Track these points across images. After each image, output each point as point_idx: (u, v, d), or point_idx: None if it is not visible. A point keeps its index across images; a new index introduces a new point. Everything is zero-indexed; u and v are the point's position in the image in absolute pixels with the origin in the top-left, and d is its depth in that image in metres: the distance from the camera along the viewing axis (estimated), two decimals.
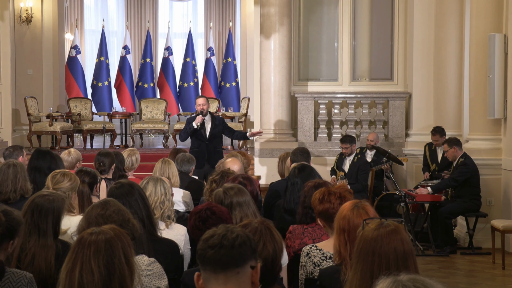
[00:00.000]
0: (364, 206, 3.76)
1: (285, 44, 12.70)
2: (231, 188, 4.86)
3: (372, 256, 2.96)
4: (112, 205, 3.96)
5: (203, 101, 10.62)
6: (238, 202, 4.76)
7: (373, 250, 2.97)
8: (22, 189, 6.12)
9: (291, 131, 13.00)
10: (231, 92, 17.94)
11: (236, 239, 2.53)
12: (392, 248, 2.96)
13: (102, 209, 3.91)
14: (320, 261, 4.29)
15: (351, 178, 10.78)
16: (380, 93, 13.20)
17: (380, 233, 3.00)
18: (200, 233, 4.20)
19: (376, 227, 3.04)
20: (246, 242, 2.55)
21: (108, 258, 2.96)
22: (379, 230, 3.02)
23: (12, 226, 3.83)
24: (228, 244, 2.51)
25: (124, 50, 18.45)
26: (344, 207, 3.80)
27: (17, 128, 15.93)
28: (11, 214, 3.86)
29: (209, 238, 2.55)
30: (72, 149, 8.13)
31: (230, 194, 4.81)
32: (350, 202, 3.83)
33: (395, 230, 3.02)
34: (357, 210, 3.73)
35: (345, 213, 3.74)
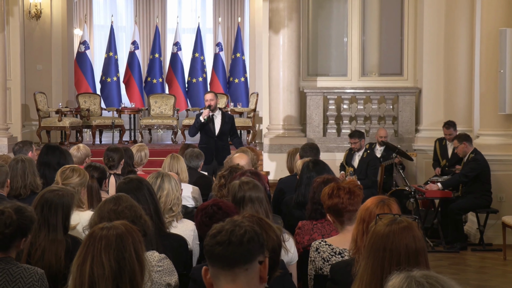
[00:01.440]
0: (389, 203, 3.73)
1: (294, 39, 12.67)
2: (246, 183, 4.85)
3: (383, 251, 2.95)
4: (124, 201, 3.96)
5: (211, 96, 10.62)
6: (251, 198, 4.74)
7: (385, 246, 2.95)
8: (32, 185, 6.15)
9: (300, 127, 12.98)
10: (240, 88, 17.94)
11: (244, 235, 2.50)
12: (404, 245, 2.95)
13: (115, 205, 3.92)
14: (329, 256, 4.28)
15: (361, 174, 10.75)
16: (390, 88, 13.15)
17: (393, 229, 2.99)
18: (207, 229, 4.20)
19: (389, 223, 3.02)
20: (254, 238, 2.53)
21: (118, 252, 2.97)
22: (391, 226, 3.00)
23: (24, 224, 3.84)
24: (237, 240, 2.48)
25: (133, 46, 18.48)
26: (370, 200, 3.80)
27: (26, 123, 15.97)
28: (24, 212, 3.87)
29: (217, 234, 2.52)
30: (81, 145, 8.14)
31: (244, 188, 4.80)
32: (377, 197, 3.82)
33: (407, 227, 3.00)
34: (381, 205, 3.71)
35: (368, 205, 3.74)
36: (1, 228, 3.77)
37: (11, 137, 13.26)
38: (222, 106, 15.67)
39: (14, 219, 3.80)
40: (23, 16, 15.80)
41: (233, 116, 11.37)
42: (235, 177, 5.58)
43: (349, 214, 4.35)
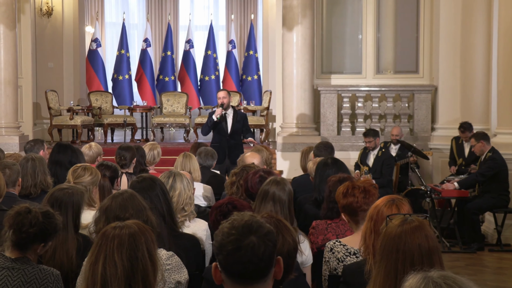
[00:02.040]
0: (399, 203, 3.71)
1: (308, 37, 12.65)
2: (277, 181, 4.85)
3: (396, 253, 2.93)
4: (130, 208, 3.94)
5: (224, 94, 10.62)
6: (274, 196, 4.73)
7: (397, 247, 2.94)
8: (42, 183, 6.16)
9: (314, 125, 12.96)
10: (253, 86, 17.93)
11: (265, 252, 2.47)
12: (417, 245, 2.93)
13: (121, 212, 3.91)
14: (344, 256, 4.27)
15: (376, 173, 10.73)
16: (405, 86, 13.11)
17: (404, 230, 2.97)
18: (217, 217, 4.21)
19: (400, 224, 3.01)
20: (273, 251, 2.51)
21: (131, 252, 2.98)
22: (402, 227, 2.99)
23: (47, 229, 3.85)
24: (258, 260, 2.45)
25: (145, 43, 18.51)
26: (380, 199, 3.79)
27: (38, 122, 16.04)
28: (51, 217, 3.89)
29: (236, 251, 2.46)
30: (93, 143, 8.16)
31: (271, 183, 4.80)
32: (388, 196, 3.80)
33: (419, 226, 2.99)
34: (390, 204, 3.70)
35: (377, 203, 3.73)
36: (26, 226, 3.78)
37: (22, 136, 13.31)
38: (235, 104, 15.67)
39: (40, 221, 3.81)
40: (35, 13, 15.86)
41: (246, 114, 11.36)
42: (248, 175, 5.58)
43: (363, 213, 4.34)
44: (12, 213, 3.85)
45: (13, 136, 13.08)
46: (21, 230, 3.78)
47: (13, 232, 3.80)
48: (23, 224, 3.78)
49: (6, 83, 12.98)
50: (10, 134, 13.10)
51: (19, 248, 3.82)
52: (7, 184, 5.45)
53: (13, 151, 11.60)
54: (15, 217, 3.82)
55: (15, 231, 3.79)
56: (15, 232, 3.79)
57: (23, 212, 3.82)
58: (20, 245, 3.81)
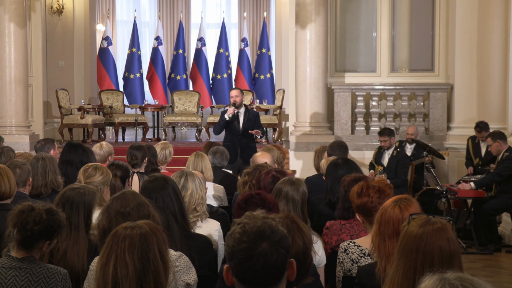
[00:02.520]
0: (406, 205, 3.69)
1: (321, 34, 12.63)
2: (292, 181, 4.85)
3: (416, 253, 2.92)
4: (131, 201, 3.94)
5: (237, 92, 10.63)
6: (287, 195, 4.72)
7: (418, 248, 2.93)
8: (53, 183, 6.18)
9: (328, 124, 12.95)
10: (266, 84, 17.93)
11: (277, 260, 2.44)
12: (438, 247, 2.92)
13: (122, 206, 3.91)
14: (358, 258, 4.26)
15: (390, 173, 10.70)
16: (421, 84, 13.07)
17: (426, 231, 2.95)
18: (242, 212, 4.22)
19: (422, 224, 2.99)
20: (286, 257, 2.49)
21: (142, 252, 2.98)
22: (425, 227, 2.97)
23: (52, 226, 3.86)
24: (270, 268, 2.43)
25: (156, 41, 18.54)
26: (389, 200, 3.78)
27: (48, 121, 16.09)
28: (54, 214, 3.90)
29: (247, 259, 2.44)
30: (104, 142, 8.19)
31: (286, 183, 4.80)
32: (397, 196, 3.79)
33: (441, 228, 2.97)
34: (395, 204, 3.69)
35: (384, 205, 3.72)
36: (30, 224, 3.80)
37: (33, 135, 13.36)
38: (247, 103, 15.67)
39: (44, 218, 3.83)
40: (45, 11, 15.92)
41: (258, 113, 11.36)
42: (260, 175, 5.58)
43: None
44: (15, 212, 3.87)
45: (23, 135, 13.13)
46: (26, 228, 3.79)
47: (18, 230, 3.81)
48: (27, 222, 3.80)
49: (17, 81, 13.03)
50: (20, 133, 13.15)
51: (25, 247, 3.83)
52: (18, 184, 5.47)
53: (24, 150, 11.66)
54: (18, 216, 3.84)
55: (19, 230, 3.81)
56: (19, 231, 3.81)
57: (27, 210, 3.84)
58: (25, 244, 3.82)
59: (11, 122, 13.13)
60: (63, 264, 4.19)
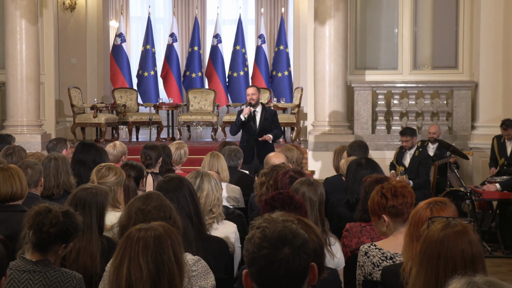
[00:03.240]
0: (439, 208, 3.66)
1: (341, 31, 12.62)
2: (310, 182, 4.85)
3: (437, 258, 2.90)
4: (154, 200, 3.97)
5: (253, 90, 10.59)
6: (303, 195, 4.72)
7: (439, 252, 2.90)
8: (65, 184, 6.20)
9: (347, 123, 12.93)
10: (283, 82, 17.90)
11: (300, 266, 2.43)
12: (460, 251, 2.90)
13: (143, 204, 3.94)
14: (380, 261, 4.24)
15: (412, 173, 10.67)
16: (444, 82, 13.03)
17: (447, 234, 2.93)
18: (267, 208, 4.23)
19: (443, 227, 2.97)
20: (308, 262, 2.48)
21: (157, 254, 2.98)
22: (445, 231, 2.95)
23: (68, 229, 3.88)
24: (292, 274, 2.42)
25: (171, 38, 18.57)
26: (423, 201, 3.76)
27: (60, 120, 16.16)
28: (71, 217, 3.92)
29: (268, 265, 2.42)
30: (117, 142, 8.21)
31: (303, 183, 4.80)
32: (433, 199, 3.77)
33: (463, 231, 2.95)
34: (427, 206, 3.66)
35: (417, 208, 3.70)
36: (47, 226, 3.81)
37: (44, 134, 13.43)
38: (264, 101, 15.66)
39: (61, 220, 3.84)
40: (57, 7, 15.98)
41: (275, 111, 11.30)
42: (278, 175, 5.58)
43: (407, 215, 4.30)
44: (31, 213, 3.88)
45: (35, 135, 13.19)
46: (42, 230, 3.80)
47: (33, 232, 3.82)
48: (44, 224, 3.81)
49: (28, 79, 13.10)
50: (32, 132, 13.22)
51: (40, 250, 3.84)
52: (29, 185, 5.49)
53: (35, 150, 11.72)
54: (35, 217, 3.84)
55: (35, 232, 3.82)
56: (35, 233, 3.82)
57: (43, 212, 3.85)
58: (40, 246, 3.83)
59: (22, 121, 13.19)
60: (75, 266, 4.20)
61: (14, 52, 13.05)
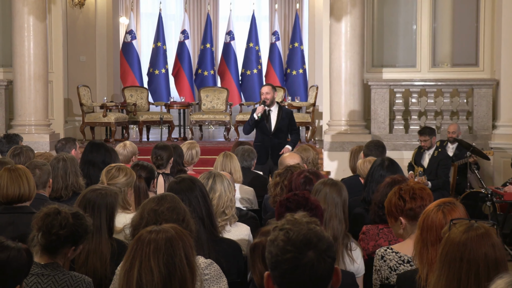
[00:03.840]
0: (450, 209, 3.66)
1: (357, 27, 12.59)
2: (334, 182, 4.85)
3: (459, 262, 2.89)
4: (168, 201, 3.98)
5: (268, 89, 10.56)
6: (326, 196, 4.71)
7: (461, 256, 2.89)
8: (74, 185, 6.21)
9: (364, 123, 12.91)
10: (298, 80, 17.90)
11: (324, 270, 2.44)
12: (483, 254, 2.88)
13: (157, 205, 3.95)
14: (397, 265, 4.23)
15: (431, 174, 10.64)
16: (464, 80, 12.98)
17: (469, 237, 2.92)
18: (281, 209, 4.24)
19: (465, 230, 2.95)
20: (333, 266, 2.48)
21: (168, 257, 2.98)
22: (468, 233, 2.93)
23: (78, 231, 3.88)
24: (316, 278, 2.43)
25: (183, 35, 18.60)
26: (431, 204, 3.74)
27: (69, 119, 16.21)
28: (81, 218, 3.93)
29: (293, 270, 2.42)
30: (127, 142, 8.23)
31: (325, 184, 4.80)
32: (440, 200, 3.76)
33: (486, 234, 2.94)
34: (438, 209, 3.65)
35: (426, 211, 3.69)
36: (56, 228, 3.82)
37: (53, 134, 13.46)
38: (279, 100, 15.65)
39: (71, 222, 3.85)
40: (66, 3, 16.03)
41: (292, 111, 11.29)
42: (292, 176, 5.58)
43: None
44: (40, 215, 3.88)
45: (43, 135, 13.23)
46: (51, 232, 3.81)
47: (42, 234, 3.83)
48: (53, 226, 3.82)
49: (36, 78, 13.13)
50: (40, 132, 13.25)
51: (49, 252, 3.85)
52: (37, 186, 5.51)
53: (43, 150, 11.74)
54: (44, 219, 3.85)
55: (44, 234, 3.82)
56: (44, 235, 3.82)
57: (52, 214, 3.86)
58: (49, 249, 3.84)
59: (30, 120, 13.23)
60: (84, 269, 4.21)
61: (22, 50, 13.09)
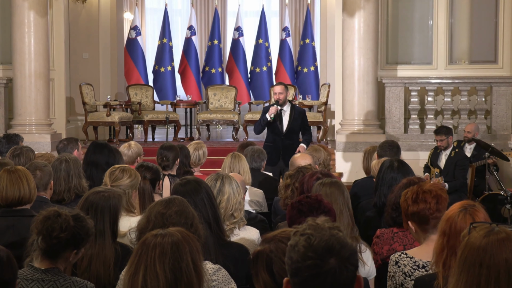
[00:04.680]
0: (473, 211, 3.65)
1: (371, 23, 12.58)
2: (329, 180, 4.85)
3: (479, 267, 2.87)
4: (176, 205, 3.98)
5: (281, 89, 10.51)
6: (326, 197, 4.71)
7: (481, 261, 2.87)
8: (77, 188, 6.22)
9: (378, 122, 12.90)
10: (309, 78, 17.89)
11: (347, 278, 2.44)
12: (503, 260, 2.86)
13: (164, 208, 3.95)
14: (412, 270, 4.23)
15: (448, 176, 10.62)
16: (482, 78, 12.96)
17: (490, 241, 2.90)
18: (293, 212, 4.24)
19: (485, 234, 2.93)
20: (355, 274, 2.47)
21: (174, 262, 2.99)
22: (488, 238, 2.91)
23: (79, 234, 3.87)
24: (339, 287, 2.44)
25: (189, 31, 18.61)
26: (452, 208, 3.72)
27: (71, 118, 16.25)
28: (82, 221, 3.92)
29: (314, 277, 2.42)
30: (132, 142, 8.24)
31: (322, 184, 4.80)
32: (459, 204, 3.74)
33: (507, 239, 2.91)
34: (463, 214, 3.64)
35: (449, 215, 3.67)
36: (57, 231, 3.81)
37: (54, 134, 13.48)
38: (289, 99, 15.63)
39: (71, 225, 3.84)
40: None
41: (304, 110, 11.25)
42: (304, 177, 5.58)
43: (435, 221, 4.29)
44: (40, 218, 3.87)
45: (44, 135, 13.25)
46: (51, 235, 3.80)
47: (43, 238, 3.81)
48: (53, 229, 3.80)
49: (37, 75, 13.14)
50: (41, 132, 13.27)
51: (50, 257, 3.84)
52: (38, 188, 5.51)
53: (45, 151, 11.76)
54: (43, 222, 3.84)
55: (44, 237, 3.81)
56: (44, 239, 3.81)
57: (53, 216, 3.84)
58: (50, 253, 3.83)
59: (30, 120, 13.25)
60: (87, 275, 4.21)
61: (22, 46, 13.10)
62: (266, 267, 3.13)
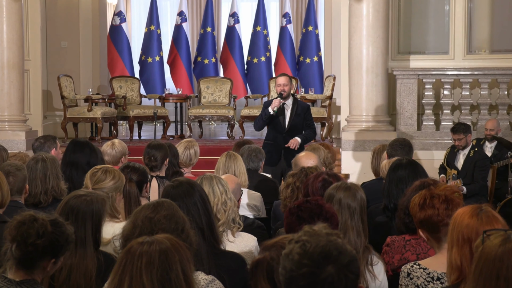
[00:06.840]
0: (489, 211, 3.65)
1: (381, 8, 12.59)
2: (343, 184, 4.86)
3: (496, 279, 2.87)
4: (165, 209, 3.98)
5: (285, 80, 10.47)
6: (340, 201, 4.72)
7: (498, 272, 2.87)
8: (54, 190, 6.22)
9: (388, 118, 12.91)
10: (312, 69, 17.90)
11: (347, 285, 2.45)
12: None
13: (152, 212, 3.94)
14: (426, 283, 4.23)
15: (466, 177, 10.63)
16: (504, 69, 12.98)
17: (507, 250, 2.91)
18: (292, 218, 4.25)
19: (501, 242, 2.93)
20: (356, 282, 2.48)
21: (163, 272, 2.99)
22: (505, 246, 2.92)
23: (58, 241, 3.83)
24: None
25: (180, 18, 18.60)
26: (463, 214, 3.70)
27: (48, 114, 16.24)
28: (61, 226, 3.87)
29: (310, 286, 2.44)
30: (116, 140, 8.25)
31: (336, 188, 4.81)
32: (469, 207, 3.73)
33: None
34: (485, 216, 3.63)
35: (468, 221, 3.65)
36: (33, 237, 3.75)
37: (30, 131, 13.48)
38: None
39: (49, 230, 3.79)
40: None
41: (308, 105, 11.20)
42: (309, 179, 5.58)
43: (446, 228, 4.29)
44: (14, 224, 3.82)
45: (18, 132, 13.25)
46: (27, 242, 3.75)
47: (17, 246, 3.76)
48: (29, 235, 3.75)
49: (10, 66, 13.13)
50: (14, 129, 13.27)
51: (25, 267, 3.80)
52: (12, 192, 5.50)
53: (19, 149, 11.78)
54: (18, 228, 3.79)
55: (19, 245, 3.76)
56: (19, 246, 3.76)
57: (28, 221, 3.79)
58: (25, 262, 3.79)
59: (3, 115, 13.24)
60: (66, 287, 4.21)
61: None
62: (267, 276, 3.14)
